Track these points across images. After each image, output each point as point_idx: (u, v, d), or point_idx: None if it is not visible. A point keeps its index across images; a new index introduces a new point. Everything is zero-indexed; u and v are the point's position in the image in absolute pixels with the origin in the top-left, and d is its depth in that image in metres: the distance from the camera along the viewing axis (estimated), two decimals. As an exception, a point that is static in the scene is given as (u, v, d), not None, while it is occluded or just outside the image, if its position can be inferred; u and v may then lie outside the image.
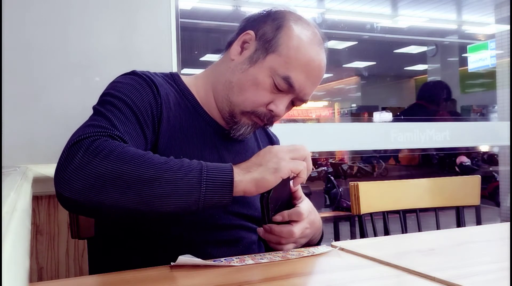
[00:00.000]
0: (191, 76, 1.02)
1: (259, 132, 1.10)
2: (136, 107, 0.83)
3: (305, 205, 0.88)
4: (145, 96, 0.86)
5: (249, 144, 1.04)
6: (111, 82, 0.90)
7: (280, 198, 0.84)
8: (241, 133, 0.94)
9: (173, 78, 0.98)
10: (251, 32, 0.93)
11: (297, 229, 0.85)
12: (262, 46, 0.91)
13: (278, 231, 0.84)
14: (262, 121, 0.93)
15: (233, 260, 0.76)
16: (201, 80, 1.00)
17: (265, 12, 0.95)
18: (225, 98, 0.93)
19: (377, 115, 7.45)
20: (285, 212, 0.85)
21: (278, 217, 0.84)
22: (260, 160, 0.78)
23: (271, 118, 0.93)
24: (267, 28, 0.92)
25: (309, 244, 0.92)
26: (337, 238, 3.45)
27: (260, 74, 0.90)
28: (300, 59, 0.89)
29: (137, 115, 0.83)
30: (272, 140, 1.13)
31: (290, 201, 0.89)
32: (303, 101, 0.94)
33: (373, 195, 1.33)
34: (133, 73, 0.91)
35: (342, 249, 0.84)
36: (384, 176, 5.19)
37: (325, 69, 0.95)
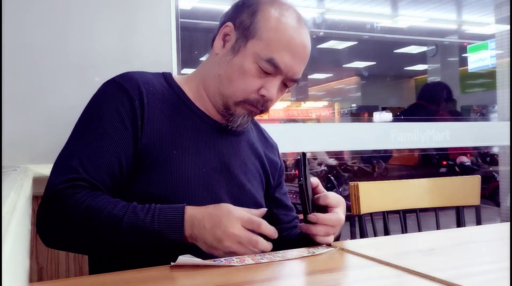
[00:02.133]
0: (183, 76, 1.03)
1: (257, 134, 1.10)
2: (110, 123, 0.88)
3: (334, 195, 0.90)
4: (120, 106, 0.89)
5: (245, 139, 1.04)
6: (93, 95, 0.94)
7: (310, 191, 0.86)
8: (239, 124, 0.95)
9: (165, 78, 0.99)
10: (230, 24, 0.94)
11: (341, 214, 0.87)
12: (242, 34, 0.92)
13: (327, 219, 0.84)
14: (257, 108, 0.94)
15: (233, 260, 0.75)
16: (192, 79, 1.01)
17: (240, 2, 0.96)
18: (217, 92, 0.95)
19: (377, 115, 7.44)
20: (325, 195, 0.87)
21: (320, 201, 0.87)
22: (211, 222, 0.78)
23: (265, 103, 0.94)
24: (244, 16, 0.93)
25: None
26: (337, 238, 3.44)
27: (244, 61, 0.91)
28: (280, 38, 0.89)
29: (113, 130, 0.87)
30: (272, 147, 1.12)
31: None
32: (294, 81, 0.95)
33: (373, 195, 1.33)
34: (112, 81, 0.93)
35: (342, 249, 0.84)
36: (384, 176, 5.19)
37: (310, 46, 0.94)
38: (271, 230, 0.80)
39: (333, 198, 0.89)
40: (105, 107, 0.89)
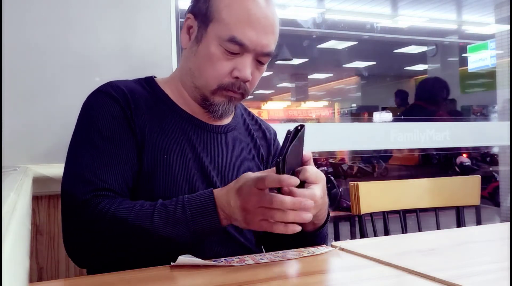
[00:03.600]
0: (165, 78, 1.03)
1: (252, 124, 1.09)
2: (109, 130, 0.87)
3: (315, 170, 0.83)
4: (114, 112, 0.88)
5: (237, 134, 1.02)
6: (82, 107, 0.93)
7: (292, 167, 0.79)
8: (221, 112, 0.93)
9: (147, 83, 0.98)
10: (190, 15, 0.94)
11: (318, 191, 0.79)
12: (201, 21, 0.91)
13: (300, 193, 0.75)
14: (235, 92, 0.92)
15: (233, 260, 0.76)
16: (172, 80, 1.00)
17: None
18: (192, 86, 0.94)
19: (377, 115, 7.44)
20: (302, 169, 0.79)
21: (295, 179, 0.74)
22: (234, 198, 0.76)
23: (242, 85, 0.91)
24: (200, 3, 0.92)
25: (314, 223, 0.87)
26: (337, 238, 3.45)
27: (209, 47, 0.89)
28: (236, 14, 0.87)
29: (114, 136, 0.87)
30: (265, 134, 1.10)
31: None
32: (266, 55, 0.91)
33: (373, 195, 1.33)
34: (97, 91, 0.93)
35: (342, 249, 0.84)
36: (384, 176, 5.18)
37: (275, 15, 0.91)
38: (291, 180, 0.72)
39: (312, 173, 0.80)
40: (100, 116, 0.89)
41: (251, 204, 0.74)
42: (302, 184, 0.79)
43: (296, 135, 0.75)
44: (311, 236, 0.90)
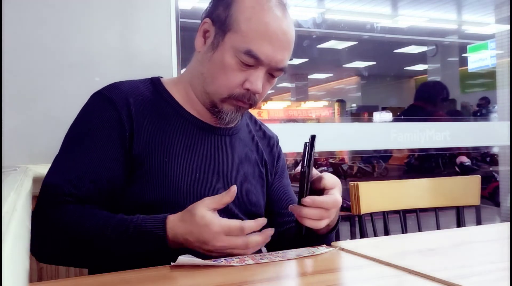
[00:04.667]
0: (172, 79, 1.02)
1: (255, 129, 1.09)
2: (97, 136, 0.88)
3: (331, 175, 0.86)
4: (106, 118, 0.89)
5: (241, 137, 1.02)
6: (82, 106, 0.94)
7: (310, 177, 0.82)
8: (228, 120, 0.93)
9: (153, 83, 0.98)
10: (208, 20, 0.93)
11: (338, 195, 0.82)
12: (219, 28, 0.90)
13: (323, 201, 0.79)
14: (244, 103, 0.92)
15: (233, 260, 0.75)
16: (180, 81, 1.00)
17: None
18: (202, 91, 0.94)
19: (377, 115, 7.45)
20: (320, 177, 0.83)
21: (316, 184, 0.82)
22: (194, 237, 0.77)
23: (252, 96, 0.91)
24: (219, 10, 0.91)
25: (328, 225, 0.87)
26: (337, 238, 3.43)
27: (224, 56, 0.88)
28: (255, 28, 0.87)
29: (100, 142, 0.87)
30: (268, 139, 1.10)
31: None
32: (279, 70, 0.91)
33: (373, 195, 1.33)
34: (98, 93, 0.93)
35: (342, 249, 0.84)
36: (384, 176, 5.18)
37: (293, 31, 0.91)
38: (254, 226, 0.77)
39: (329, 179, 0.83)
40: (92, 120, 0.90)
41: (216, 250, 0.76)
42: (321, 192, 0.83)
43: (312, 144, 0.80)
44: (322, 237, 0.91)
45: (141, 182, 0.88)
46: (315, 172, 0.86)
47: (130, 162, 0.88)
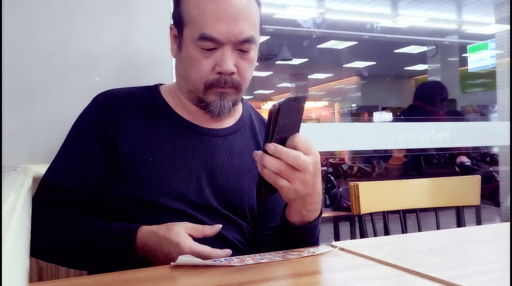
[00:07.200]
0: (169, 85, 1.06)
1: (261, 129, 1.08)
2: (84, 139, 0.95)
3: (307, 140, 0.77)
4: (93, 123, 0.95)
5: (238, 138, 1.01)
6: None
7: (285, 130, 0.73)
8: (218, 111, 0.93)
9: (151, 90, 1.02)
10: (171, 25, 0.97)
11: (308, 160, 0.73)
12: (178, 29, 0.94)
13: (285, 153, 0.71)
14: (223, 87, 0.91)
15: (233, 260, 0.76)
16: (173, 87, 1.03)
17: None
18: (186, 91, 0.96)
19: (377, 115, 7.45)
20: (296, 136, 0.74)
21: (288, 141, 0.73)
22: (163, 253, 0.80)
23: (229, 78, 0.90)
24: (175, 12, 0.95)
25: (302, 214, 0.82)
26: (337, 238, 3.45)
27: (188, 51, 0.91)
28: (202, 12, 0.88)
29: (87, 145, 0.94)
30: None
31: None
32: (244, 42, 0.89)
33: (373, 195, 1.33)
34: (95, 98, 0.99)
35: (342, 249, 0.84)
36: (384, 176, 5.19)
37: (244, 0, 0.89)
38: (223, 255, 0.79)
39: (304, 142, 0.74)
40: (82, 123, 0.98)
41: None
42: None
43: (298, 102, 0.74)
44: (299, 234, 0.85)
45: (126, 181, 0.90)
46: (301, 135, 0.76)
47: (114, 161, 0.92)
